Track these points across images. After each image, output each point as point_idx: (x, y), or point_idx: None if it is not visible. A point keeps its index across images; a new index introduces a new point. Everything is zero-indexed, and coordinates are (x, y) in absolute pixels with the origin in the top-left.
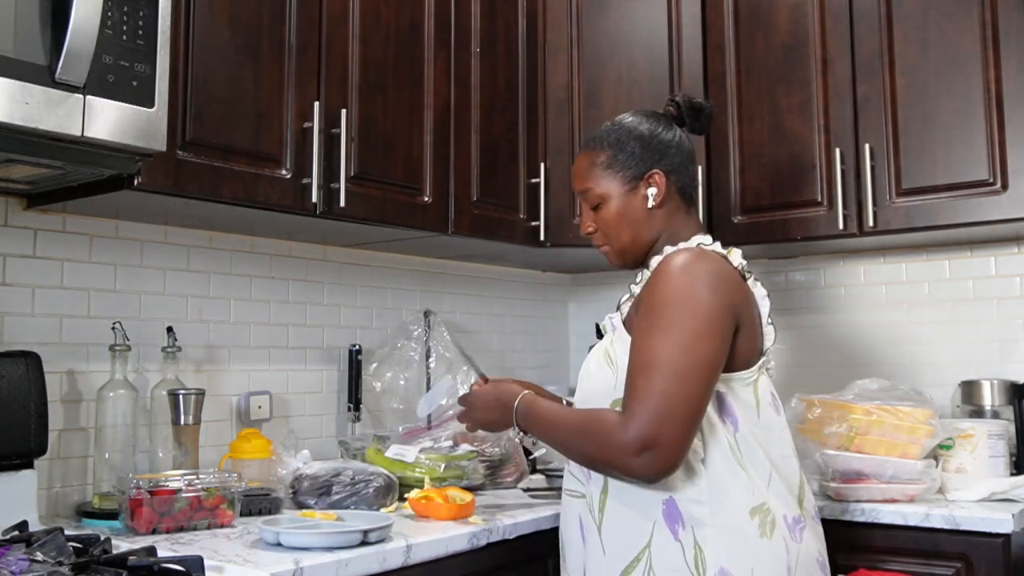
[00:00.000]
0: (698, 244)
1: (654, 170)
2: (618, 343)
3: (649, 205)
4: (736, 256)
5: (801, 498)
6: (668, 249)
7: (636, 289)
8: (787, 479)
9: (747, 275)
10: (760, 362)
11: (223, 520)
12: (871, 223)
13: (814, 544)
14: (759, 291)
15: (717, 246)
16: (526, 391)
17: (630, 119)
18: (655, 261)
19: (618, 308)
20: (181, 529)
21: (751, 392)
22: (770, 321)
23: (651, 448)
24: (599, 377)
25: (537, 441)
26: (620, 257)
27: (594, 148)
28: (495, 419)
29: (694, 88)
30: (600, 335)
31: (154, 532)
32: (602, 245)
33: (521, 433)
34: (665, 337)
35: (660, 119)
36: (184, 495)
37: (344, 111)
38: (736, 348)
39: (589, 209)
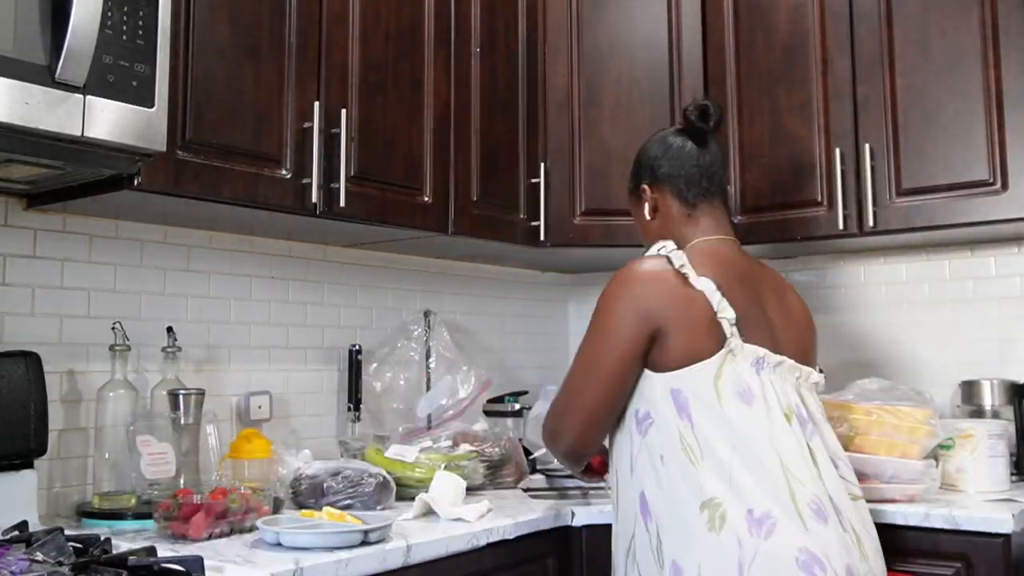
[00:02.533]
0: (656, 250)
1: (642, 185)
2: None
3: (647, 217)
4: (677, 258)
5: (792, 491)
6: None
7: None
8: (762, 471)
9: (689, 274)
10: (718, 356)
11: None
12: (871, 223)
13: (793, 541)
14: (708, 286)
15: (666, 248)
16: None
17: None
18: None
19: None
20: (232, 532)
21: (709, 386)
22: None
23: (557, 436)
24: None
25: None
26: None
27: None
28: None
29: (694, 88)
30: None
31: (209, 538)
32: None
33: None
34: (582, 341)
35: (661, 136)
36: (236, 497)
37: (344, 111)
38: (668, 347)
39: None
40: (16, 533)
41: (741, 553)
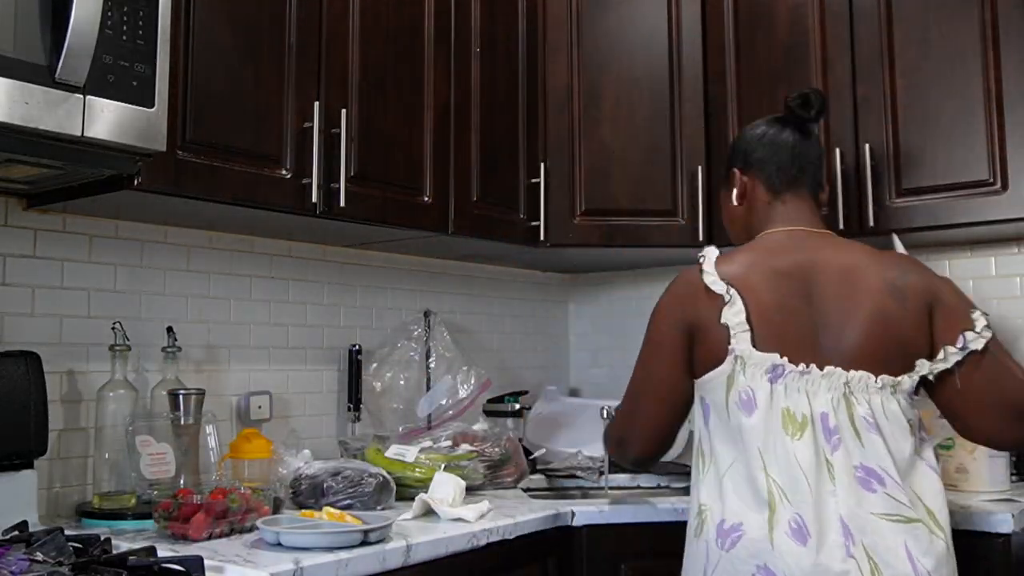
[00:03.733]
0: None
1: (733, 169)
2: None
3: (733, 202)
4: (708, 260)
5: (773, 507)
6: None
7: None
8: (748, 484)
9: (707, 278)
10: (727, 363)
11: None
12: (871, 223)
13: (753, 557)
14: (722, 288)
15: (706, 254)
16: None
17: None
18: None
19: None
20: (232, 532)
21: (723, 395)
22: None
23: (624, 443)
24: None
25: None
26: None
27: None
28: None
29: (694, 88)
30: None
31: (209, 538)
32: None
33: None
34: (637, 358)
35: (762, 122)
36: (236, 497)
37: (344, 111)
38: (697, 354)
39: None
40: (16, 533)
41: (707, 562)
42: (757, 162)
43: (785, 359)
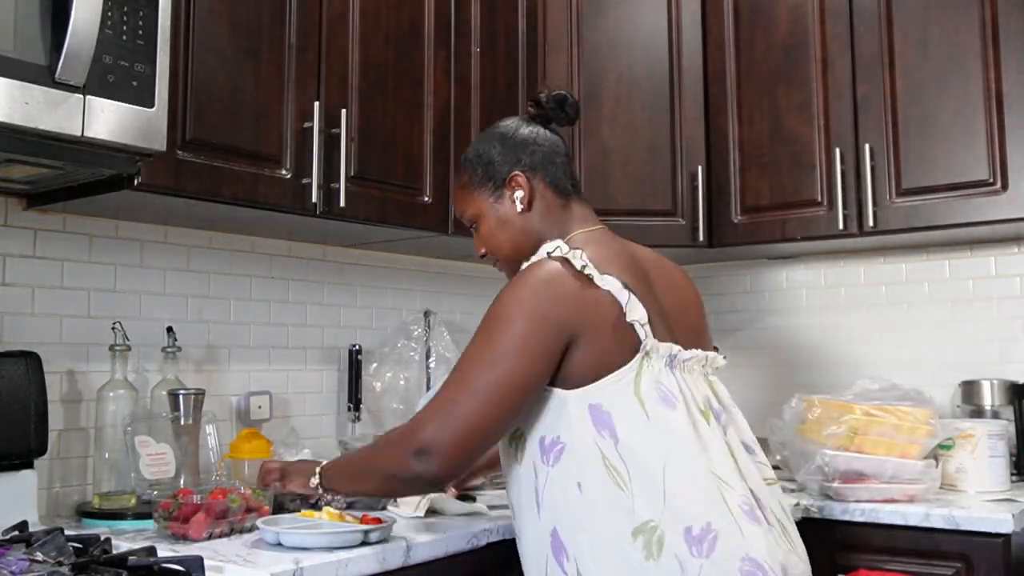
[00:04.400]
0: (547, 252)
1: (514, 172)
2: None
3: (519, 209)
4: (577, 257)
5: (724, 496)
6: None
7: None
8: (695, 481)
9: (593, 275)
10: (635, 361)
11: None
12: (871, 223)
13: (735, 551)
14: (614, 285)
15: (563, 248)
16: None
17: (489, 130)
18: None
19: None
20: (232, 532)
21: (631, 396)
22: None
23: (427, 451)
24: None
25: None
26: (512, 269)
27: (461, 170)
28: (297, 468)
29: (694, 88)
30: None
31: (209, 538)
32: (496, 263)
33: (321, 490)
34: (476, 350)
35: (520, 121)
36: (236, 497)
37: (344, 111)
38: (580, 358)
39: (476, 232)
40: (16, 533)
41: None
42: (540, 164)
43: (673, 346)
